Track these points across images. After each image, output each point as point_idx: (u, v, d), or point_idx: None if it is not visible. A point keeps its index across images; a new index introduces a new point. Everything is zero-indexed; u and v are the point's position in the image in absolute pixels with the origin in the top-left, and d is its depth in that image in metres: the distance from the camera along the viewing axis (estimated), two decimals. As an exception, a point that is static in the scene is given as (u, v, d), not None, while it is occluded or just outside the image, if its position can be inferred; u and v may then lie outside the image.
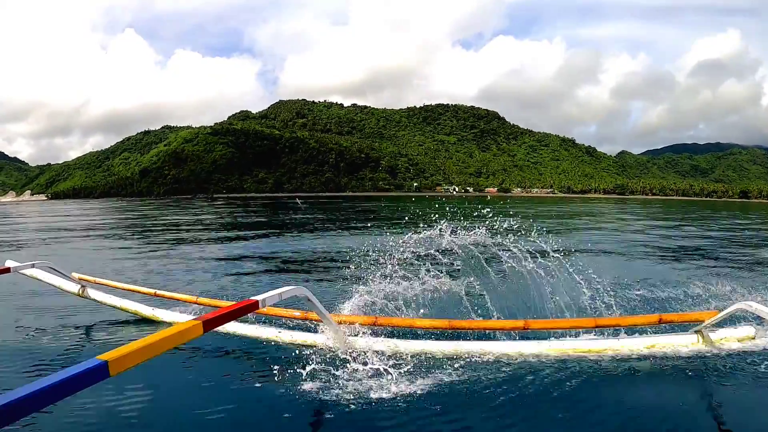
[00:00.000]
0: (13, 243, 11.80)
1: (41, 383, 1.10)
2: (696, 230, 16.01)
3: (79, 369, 1.19)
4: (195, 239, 12.34)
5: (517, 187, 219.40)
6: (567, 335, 3.19)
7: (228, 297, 4.68)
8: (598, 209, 35.38)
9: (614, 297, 3.87)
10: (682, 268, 6.83)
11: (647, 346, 2.94)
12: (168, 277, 6.42)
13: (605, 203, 57.67)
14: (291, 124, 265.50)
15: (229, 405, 2.45)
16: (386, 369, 2.72)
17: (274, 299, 2.25)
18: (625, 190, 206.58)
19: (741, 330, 3.01)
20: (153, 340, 1.43)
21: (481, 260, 3.96)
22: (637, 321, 3.10)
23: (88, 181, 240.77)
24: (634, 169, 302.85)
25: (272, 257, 8.73)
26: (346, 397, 2.44)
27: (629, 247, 10.06)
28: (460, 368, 2.76)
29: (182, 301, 3.92)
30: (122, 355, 1.31)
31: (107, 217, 26.30)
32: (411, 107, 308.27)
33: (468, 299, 3.88)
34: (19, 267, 3.63)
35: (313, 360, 2.82)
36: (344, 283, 3.80)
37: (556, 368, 2.77)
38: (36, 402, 1.07)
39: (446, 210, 3.96)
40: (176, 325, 1.60)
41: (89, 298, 4.20)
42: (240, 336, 3.42)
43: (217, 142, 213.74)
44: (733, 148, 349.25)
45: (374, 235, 6.97)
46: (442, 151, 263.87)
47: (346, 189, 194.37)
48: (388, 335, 3.22)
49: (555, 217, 23.93)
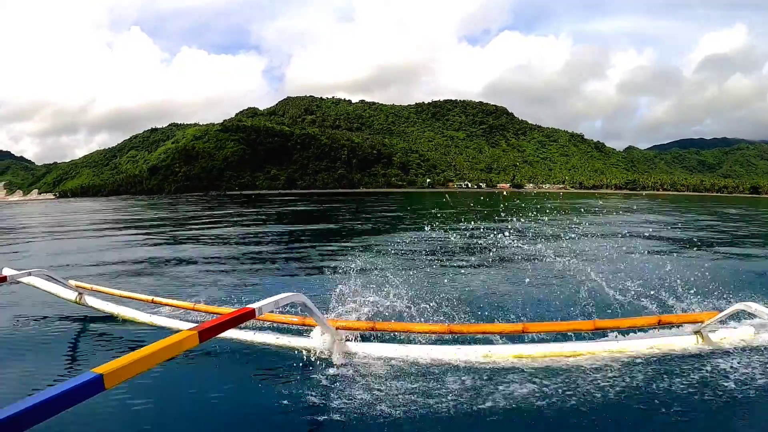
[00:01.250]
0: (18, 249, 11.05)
1: (35, 398, 1.08)
2: (707, 224, 15.87)
3: (73, 383, 1.16)
4: (194, 238, 12.20)
5: (528, 182, 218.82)
6: (565, 338, 3.16)
7: (226, 302, 4.63)
8: (628, 205, 35.02)
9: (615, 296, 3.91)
10: (685, 265, 6.39)
11: (646, 348, 2.93)
12: (166, 283, 6.26)
13: (637, 199, 57.36)
14: (300, 121, 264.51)
15: (225, 411, 2.43)
16: (384, 374, 2.70)
17: (270, 306, 2.22)
18: (636, 186, 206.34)
19: (741, 331, 3.01)
20: (148, 351, 1.41)
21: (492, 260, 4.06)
22: (636, 322, 3.04)
23: (95, 179, 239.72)
24: (641, 164, 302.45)
25: (271, 259, 8.61)
26: (344, 402, 2.42)
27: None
28: (460, 373, 2.73)
29: (180, 307, 3.88)
30: (117, 367, 1.29)
31: (119, 215, 25.56)
32: (419, 103, 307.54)
33: (467, 302, 4.09)
34: (16, 275, 3.57)
35: (311, 365, 2.79)
36: (342, 289, 3.85)
37: (554, 371, 2.74)
38: (30, 417, 1.04)
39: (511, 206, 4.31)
40: (172, 336, 1.58)
41: (87, 306, 4.21)
42: (237, 341, 3.38)
43: (227, 138, 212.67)
44: (740, 143, 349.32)
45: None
46: (452, 147, 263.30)
47: (359, 185, 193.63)
48: (386, 340, 3.22)
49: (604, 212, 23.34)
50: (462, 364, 2.85)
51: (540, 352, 2.92)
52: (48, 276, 4.02)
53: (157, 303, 3.97)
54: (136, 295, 4.14)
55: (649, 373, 2.71)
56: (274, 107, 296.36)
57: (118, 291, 4.22)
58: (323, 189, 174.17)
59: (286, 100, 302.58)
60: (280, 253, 9.29)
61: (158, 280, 6.33)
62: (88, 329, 4.05)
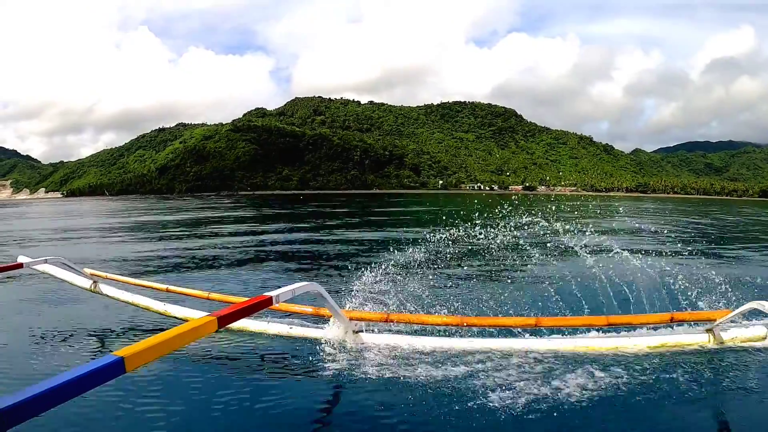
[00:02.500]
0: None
1: (59, 379, 1.09)
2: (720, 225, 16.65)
3: (95, 365, 1.18)
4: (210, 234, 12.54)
5: (540, 185, 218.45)
6: (578, 332, 3.15)
7: (239, 292, 4.59)
8: (644, 206, 35.43)
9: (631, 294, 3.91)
10: (698, 264, 6.62)
11: (658, 345, 2.91)
12: (179, 273, 6.42)
13: (650, 202, 57.64)
14: (310, 122, 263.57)
15: (240, 400, 2.43)
16: (398, 365, 2.71)
17: (287, 295, 2.23)
18: (647, 189, 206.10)
19: (753, 329, 2.96)
20: (168, 336, 1.43)
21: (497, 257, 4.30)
22: (649, 319, 3.02)
23: (103, 178, 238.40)
24: (648, 167, 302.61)
25: (285, 252, 8.66)
26: (358, 392, 2.41)
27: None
28: (472, 365, 2.74)
29: (194, 296, 3.90)
30: (138, 351, 1.30)
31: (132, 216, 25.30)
32: (428, 104, 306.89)
33: (480, 296, 4.06)
34: (31, 262, 3.65)
35: (324, 355, 2.80)
36: (357, 279, 3.85)
37: (566, 366, 2.74)
38: (54, 398, 1.06)
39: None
40: (191, 321, 1.58)
41: (101, 294, 4.22)
42: (251, 331, 3.39)
43: (239, 139, 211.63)
44: (747, 146, 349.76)
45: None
46: (462, 149, 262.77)
47: (372, 187, 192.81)
48: (399, 332, 3.19)
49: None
50: (476, 356, 2.86)
51: (552, 347, 2.91)
52: (64, 264, 4.04)
53: (171, 292, 3.96)
54: (150, 283, 4.17)
55: (659, 370, 2.68)
56: (283, 108, 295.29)
57: (133, 279, 4.25)
58: (336, 190, 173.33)
59: (294, 101, 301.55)
60: (291, 246, 9.25)
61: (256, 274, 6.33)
62: (102, 317, 4.14)
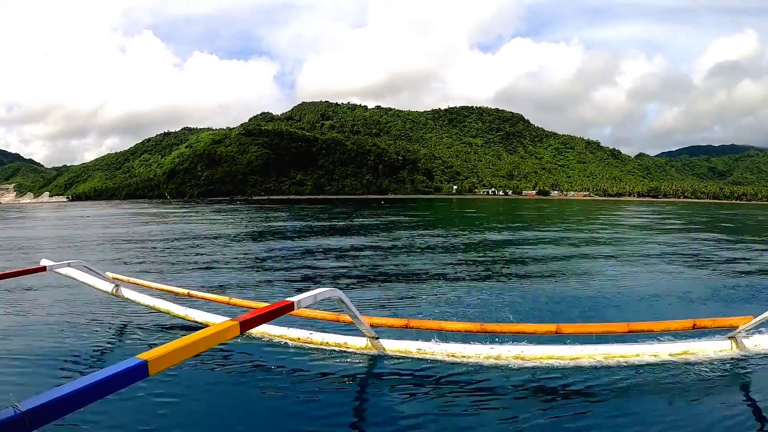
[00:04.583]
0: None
1: (83, 381, 1.10)
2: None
3: (119, 368, 1.19)
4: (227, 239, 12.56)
5: (553, 190, 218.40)
6: (599, 340, 3.09)
7: (260, 298, 4.64)
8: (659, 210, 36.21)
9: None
10: (719, 272, 6.34)
11: (680, 352, 2.88)
12: (200, 278, 6.51)
13: (666, 205, 58.05)
14: (319, 126, 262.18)
15: (258, 405, 2.46)
16: (418, 371, 2.72)
17: (308, 301, 2.23)
18: (658, 193, 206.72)
19: None
20: (191, 340, 1.42)
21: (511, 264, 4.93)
22: (670, 326, 2.93)
23: (108, 182, 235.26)
24: (654, 171, 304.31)
25: (304, 258, 8.66)
26: (378, 398, 2.43)
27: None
28: (492, 372, 2.74)
29: (215, 301, 3.96)
30: (161, 354, 1.31)
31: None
32: (435, 109, 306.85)
33: (500, 303, 4.05)
34: (54, 266, 3.64)
35: (345, 362, 2.81)
36: (378, 286, 3.82)
37: (588, 373, 2.75)
38: (78, 400, 1.07)
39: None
40: (214, 326, 1.59)
41: (123, 298, 4.25)
42: (270, 336, 3.37)
43: (250, 143, 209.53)
44: (749, 150, 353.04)
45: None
46: (471, 154, 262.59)
47: (387, 191, 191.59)
48: (419, 338, 3.18)
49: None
50: (495, 363, 2.85)
51: (573, 354, 2.88)
52: (86, 267, 4.04)
53: (192, 296, 3.94)
54: (172, 288, 4.17)
55: (681, 378, 2.67)
56: (290, 112, 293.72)
57: (155, 284, 4.24)
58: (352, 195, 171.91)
59: (301, 105, 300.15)
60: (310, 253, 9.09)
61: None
62: (124, 321, 4.13)
